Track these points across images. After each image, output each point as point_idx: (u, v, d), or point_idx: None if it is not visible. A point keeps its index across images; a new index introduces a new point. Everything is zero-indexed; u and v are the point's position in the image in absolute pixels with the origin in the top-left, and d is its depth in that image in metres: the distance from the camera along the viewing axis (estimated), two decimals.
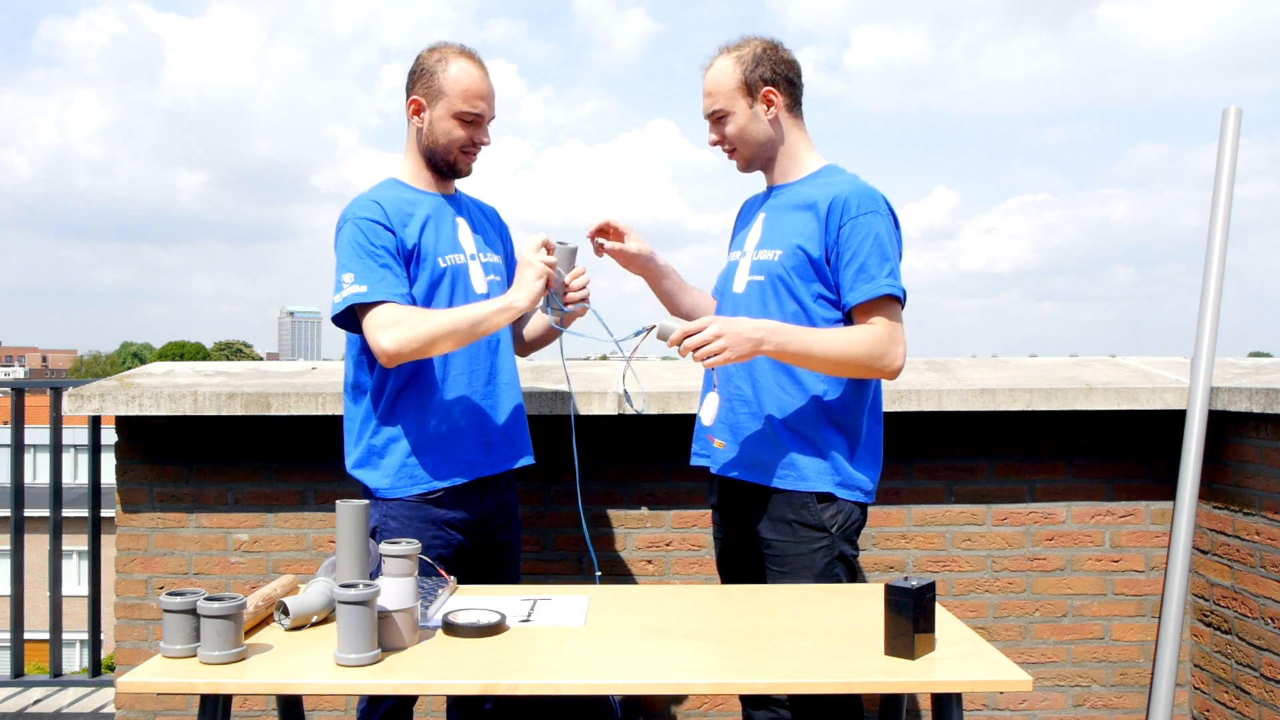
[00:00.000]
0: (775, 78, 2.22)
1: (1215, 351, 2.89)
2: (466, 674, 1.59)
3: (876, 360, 2.11)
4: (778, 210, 2.25)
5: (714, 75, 2.24)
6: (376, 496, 2.23)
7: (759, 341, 2.05)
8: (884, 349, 2.11)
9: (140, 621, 2.97)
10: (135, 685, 1.54)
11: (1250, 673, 2.72)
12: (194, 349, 78.34)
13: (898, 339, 2.13)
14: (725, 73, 2.22)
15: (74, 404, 2.86)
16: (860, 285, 2.12)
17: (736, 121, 2.22)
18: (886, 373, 2.14)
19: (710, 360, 2.02)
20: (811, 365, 2.13)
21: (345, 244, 2.18)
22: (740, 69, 2.21)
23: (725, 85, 2.21)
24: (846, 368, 2.12)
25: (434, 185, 2.32)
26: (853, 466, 2.19)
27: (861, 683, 1.59)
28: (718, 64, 2.24)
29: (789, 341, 2.08)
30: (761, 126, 2.23)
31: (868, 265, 2.11)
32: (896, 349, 2.13)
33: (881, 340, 2.11)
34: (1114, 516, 3.01)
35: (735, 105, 2.21)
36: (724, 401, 2.24)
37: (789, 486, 2.17)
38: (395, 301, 2.13)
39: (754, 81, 2.20)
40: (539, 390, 2.79)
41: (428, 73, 2.24)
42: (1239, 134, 2.98)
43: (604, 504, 2.98)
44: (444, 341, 2.13)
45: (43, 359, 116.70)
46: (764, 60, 2.21)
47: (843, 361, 2.11)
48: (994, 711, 3.00)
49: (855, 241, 2.11)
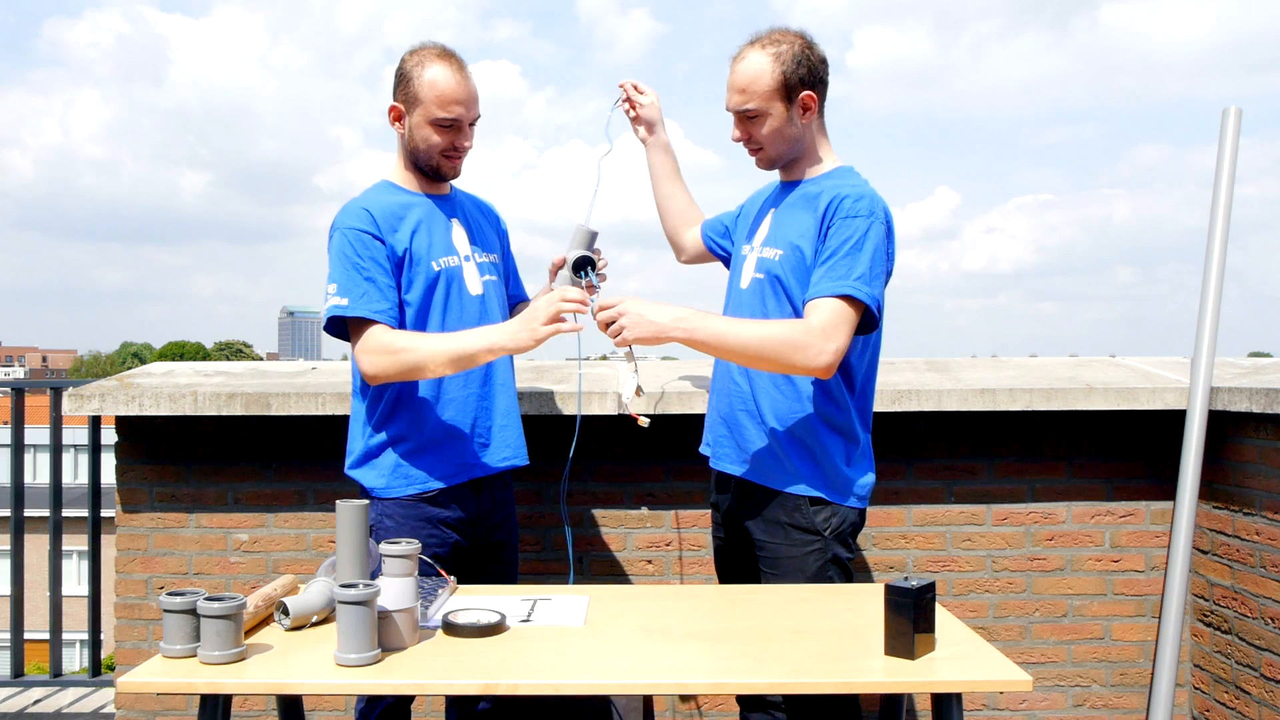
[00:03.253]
0: (812, 79, 2.12)
1: (1215, 351, 2.89)
2: (466, 674, 1.59)
3: (796, 351, 1.99)
4: (786, 208, 2.21)
5: (749, 72, 2.11)
6: (372, 496, 2.23)
7: (663, 328, 2.01)
8: (806, 341, 1.99)
9: (140, 621, 2.97)
10: (135, 685, 1.55)
11: (1250, 673, 2.72)
12: (194, 349, 78.35)
13: (832, 336, 1.99)
14: (762, 71, 2.10)
15: (74, 404, 2.86)
16: (823, 281, 2.03)
17: (771, 124, 2.12)
18: (807, 369, 2.02)
19: (617, 339, 2.04)
20: (726, 355, 2.08)
21: (334, 253, 2.19)
22: (780, 69, 2.09)
23: (761, 85, 2.10)
24: (762, 360, 2.04)
25: (425, 187, 2.31)
26: (848, 471, 2.17)
27: (861, 683, 1.59)
28: (752, 59, 2.11)
29: (698, 329, 2.02)
30: (795, 130, 2.15)
31: (839, 263, 2.02)
32: (825, 344, 1.99)
33: (807, 333, 2.00)
34: (1114, 516, 3.01)
35: (772, 107, 2.11)
36: (715, 398, 2.26)
37: (781, 487, 2.15)
38: (374, 319, 2.14)
39: (794, 84, 2.10)
40: (538, 390, 2.79)
41: (406, 78, 2.21)
42: (1239, 134, 2.98)
43: (604, 504, 2.98)
44: (424, 373, 2.15)
45: (43, 359, 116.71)
46: (803, 60, 2.10)
47: (757, 353, 2.02)
48: (994, 711, 3.00)
49: (837, 239, 2.04)
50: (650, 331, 2.02)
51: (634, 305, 2.03)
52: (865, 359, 2.20)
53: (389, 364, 2.13)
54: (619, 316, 2.03)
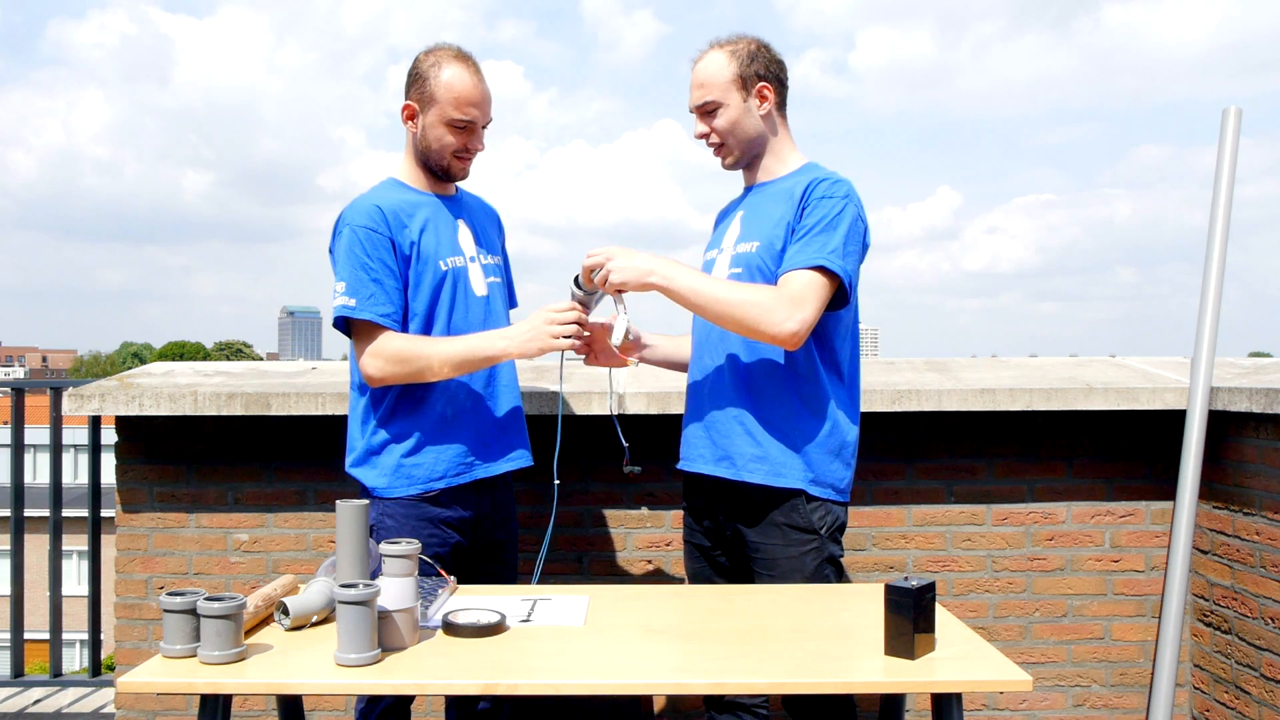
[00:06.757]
0: (768, 75, 2.24)
1: (1215, 351, 2.89)
2: (466, 674, 1.59)
3: (766, 314, 2.03)
4: (757, 205, 2.25)
5: (707, 67, 2.23)
6: (374, 496, 2.23)
7: (646, 272, 2.10)
8: (776, 306, 2.04)
9: (140, 621, 2.98)
10: (135, 685, 1.54)
11: (1250, 673, 2.72)
12: (194, 349, 78.37)
13: (802, 305, 2.04)
14: (719, 65, 2.22)
15: (74, 404, 2.86)
16: (798, 254, 2.09)
17: (729, 114, 2.22)
18: (772, 335, 2.05)
19: (606, 284, 2.12)
20: (697, 308, 2.12)
21: (342, 251, 2.20)
22: (735, 63, 2.21)
23: (720, 78, 2.21)
24: (730, 320, 2.08)
25: (433, 186, 2.32)
26: (827, 465, 2.16)
27: (861, 683, 1.59)
28: (711, 57, 2.24)
29: (675, 278, 2.10)
30: (753, 121, 2.23)
31: (814, 239, 2.08)
32: (795, 313, 2.03)
33: (778, 299, 2.05)
34: (1114, 516, 3.01)
35: (729, 98, 2.21)
36: (693, 401, 2.27)
37: (761, 481, 2.14)
38: (380, 323, 2.16)
39: (749, 76, 2.21)
40: (539, 390, 2.79)
41: (421, 78, 2.24)
42: (1239, 134, 2.98)
43: (604, 504, 2.98)
44: (428, 377, 2.18)
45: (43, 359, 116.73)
46: (758, 57, 2.23)
47: (726, 311, 2.07)
48: (994, 711, 3.00)
49: (813, 218, 2.10)
50: (634, 276, 2.11)
51: (620, 252, 2.13)
52: (848, 346, 2.21)
53: (393, 369, 2.16)
54: (606, 262, 2.12)
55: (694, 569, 2.35)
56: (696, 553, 2.33)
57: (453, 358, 2.17)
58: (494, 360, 2.20)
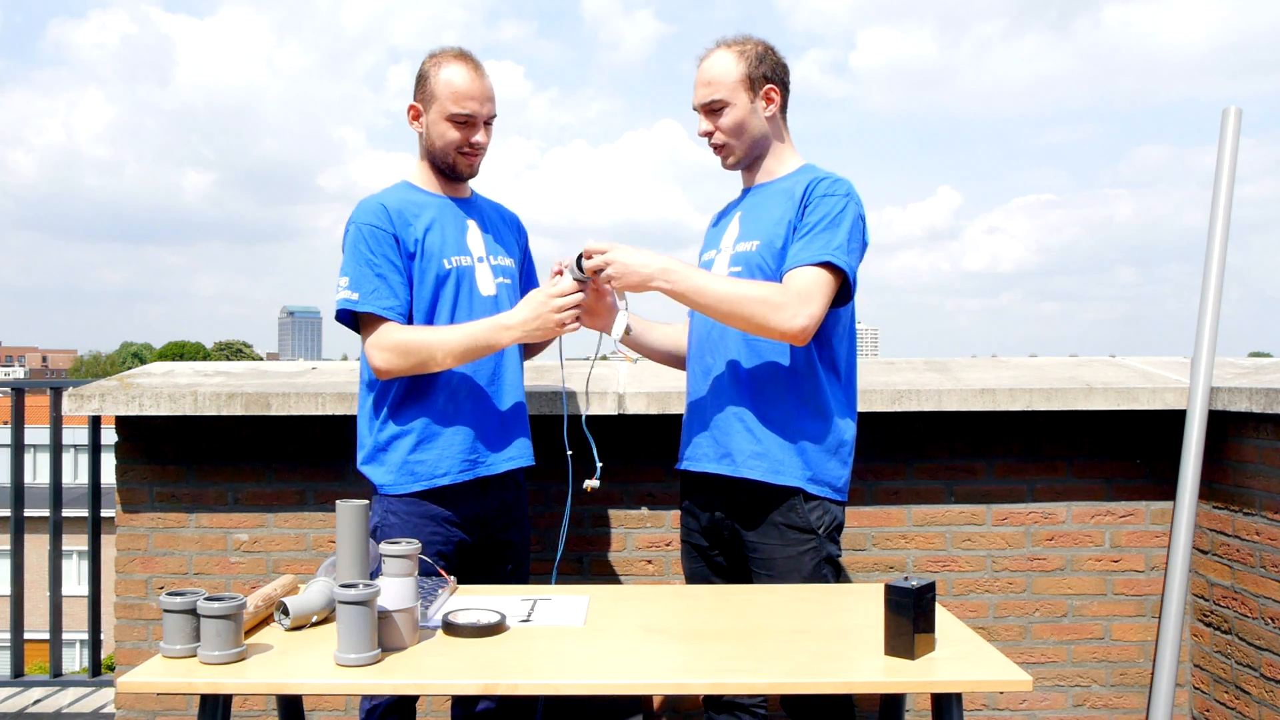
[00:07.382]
0: (775, 77, 2.25)
1: (1215, 351, 2.89)
2: (466, 674, 1.59)
3: (773, 312, 2.04)
4: (756, 205, 2.26)
5: (715, 66, 2.24)
6: (380, 492, 2.25)
7: (648, 276, 2.11)
8: (783, 302, 2.04)
9: (140, 621, 2.98)
10: (135, 685, 1.55)
11: (1250, 673, 2.72)
12: (194, 349, 78.39)
13: (809, 301, 2.05)
14: (728, 65, 2.23)
15: (74, 404, 2.86)
16: (802, 251, 2.10)
17: (735, 114, 2.23)
18: (781, 331, 2.05)
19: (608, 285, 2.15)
20: (702, 308, 2.12)
21: (348, 247, 2.25)
22: (744, 63, 2.22)
23: (728, 77, 2.22)
24: (737, 318, 2.08)
25: (445, 188, 2.35)
26: (825, 463, 2.16)
27: (861, 683, 1.59)
28: (719, 56, 2.25)
29: (680, 281, 2.10)
30: (758, 122, 2.24)
31: (818, 235, 2.10)
32: (802, 309, 2.04)
33: (785, 296, 2.05)
34: (1114, 516, 3.01)
35: (736, 98, 2.22)
36: (694, 401, 2.26)
37: (760, 477, 2.14)
38: (383, 315, 2.19)
39: (757, 77, 2.22)
40: (539, 390, 2.79)
41: (424, 78, 2.29)
42: (1239, 134, 2.98)
43: (604, 504, 2.98)
44: (434, 366, 2.20)
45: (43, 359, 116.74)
46: (766, 58, 2.24)
47: (733, 309, 2.07)
48: (994, 711, 3.00)
49: (816, 215, 2.12)
50: (636, 281, 2.12)
51: (621, 254, 2.12)
52: (845, 345, 2.22)
53: (399, 359, 2.18)
54: (607, 265, 2.12)
55: (692, 569, 2.35)
56: (694, 553, 2.33)
57: (456, 346, 2.18)
58: (497, 347, 2.21)
